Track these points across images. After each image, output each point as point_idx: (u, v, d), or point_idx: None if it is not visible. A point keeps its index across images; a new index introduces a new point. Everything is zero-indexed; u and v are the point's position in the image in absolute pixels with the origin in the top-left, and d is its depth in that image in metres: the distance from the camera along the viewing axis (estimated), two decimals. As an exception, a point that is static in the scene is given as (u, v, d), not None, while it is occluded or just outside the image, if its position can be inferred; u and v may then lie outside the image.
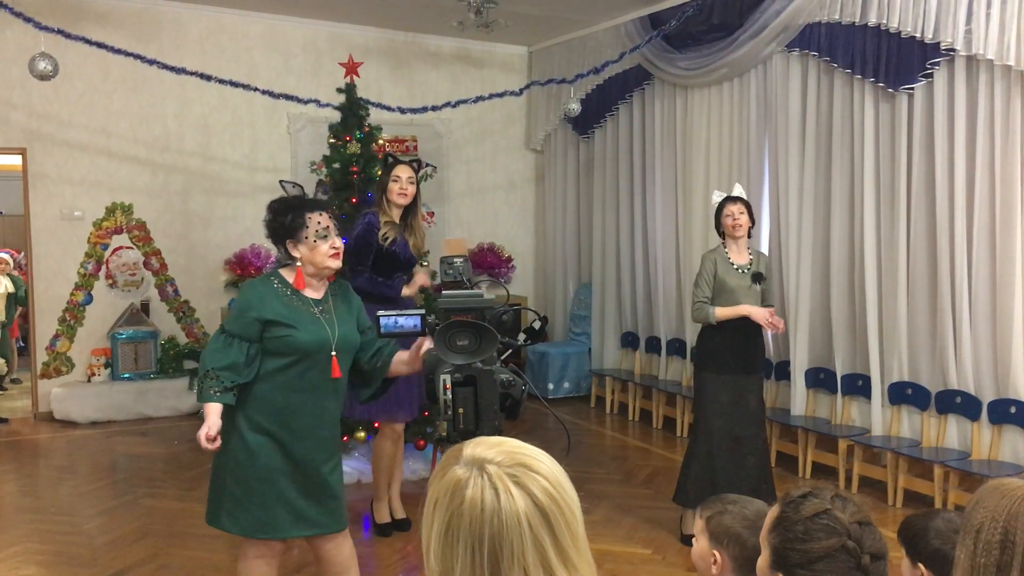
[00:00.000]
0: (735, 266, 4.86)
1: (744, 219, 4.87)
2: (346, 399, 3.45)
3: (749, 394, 4.82)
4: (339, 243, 3.17)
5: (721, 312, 4.78)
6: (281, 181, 3.39)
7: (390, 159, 5.11)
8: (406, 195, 4.95)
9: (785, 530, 1.76)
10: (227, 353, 3.07)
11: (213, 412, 3.05)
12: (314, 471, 3.18)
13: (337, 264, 3.17)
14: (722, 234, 4.97)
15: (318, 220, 3.13)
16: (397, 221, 4.97)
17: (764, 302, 4.92)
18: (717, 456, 4.77)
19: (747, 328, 4.80)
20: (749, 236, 4.99)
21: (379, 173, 5.29)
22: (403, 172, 4.96)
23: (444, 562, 1.19)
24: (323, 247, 3.12)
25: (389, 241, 4.87)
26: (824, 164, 6.33)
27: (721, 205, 4.94)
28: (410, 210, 5.02)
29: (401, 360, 3.24)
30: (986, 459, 5.32)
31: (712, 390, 4.82)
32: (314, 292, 3.21)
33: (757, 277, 4.86)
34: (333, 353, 3.13)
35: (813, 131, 6.38)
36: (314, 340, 3.10)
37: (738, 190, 5.01)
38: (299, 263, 3.15)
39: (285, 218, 3.15)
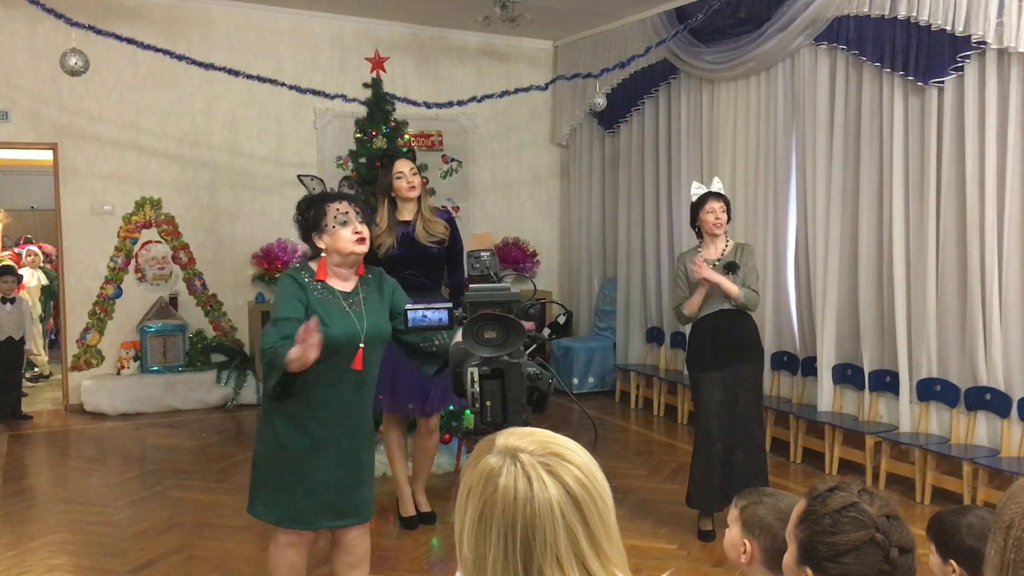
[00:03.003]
0: (706, 262, 4.80)
1: (725, 216, 4.83)
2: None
3: (739, 390, 4.75)
4: (362, 228, 3.15)
5: (688, 305, 4.77)
6: (299, 176, 3.39)
7: (384, 159, 5.07)
8: (415, 188, 4.94)
9: (812, 523, 1.76)
10: (281, 326, 3.01)
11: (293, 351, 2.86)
12: (344, 461, 3.20)
13: (362, 249, 3.15)
14: (698, 230, 4.91)
15: (336, 207, 3.13)
16: (409, 218, 4.94)
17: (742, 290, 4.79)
18: (714, 457, 4.75)
19: (727, 320, 4.75)
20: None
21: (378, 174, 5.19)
22: (404, 166, 4.93)
23: (477, 550, 1.20)
24: (344, 232, 3.12)
25: (385, 249, 4.83)
26: (852, 159, 6.28)
27: (703, 200, 4.84)
28: (420, 199, 5.00)
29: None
30: (1016, 456, 5.26)
31: (706, 390, 4.78)
32: (343, 284, 3.20)
33: (730, 267, 4.75)
34: (361, 345, 3.12)
35: (841, 125, 6.33)
36: (343, 334, 3.10)
37: (717, 185, 4.94)
38: (323, 254, 3.16)
39: (309, 213, 3.18)
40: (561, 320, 9.13)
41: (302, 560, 3.33)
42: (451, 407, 5.59)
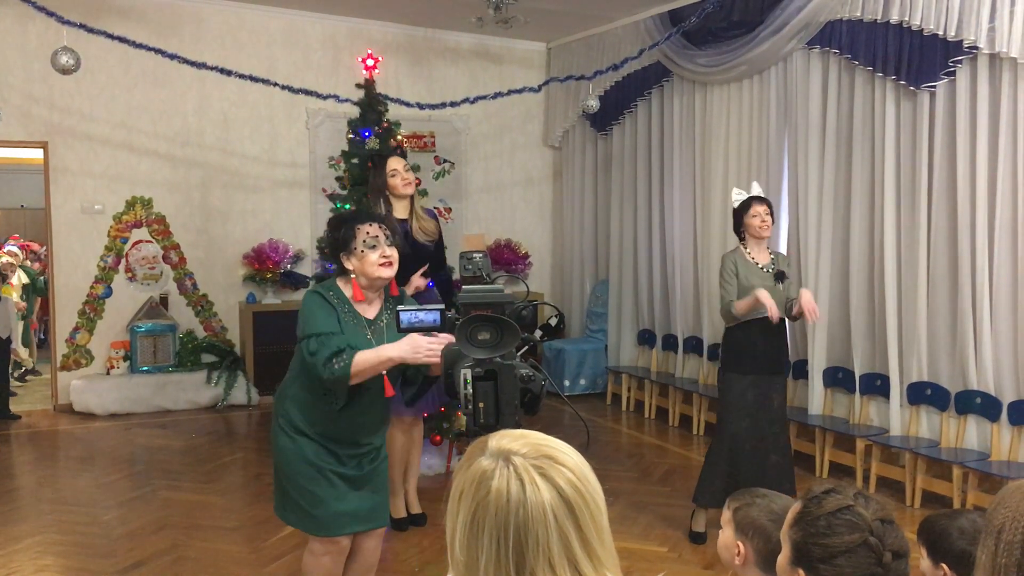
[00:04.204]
0: (759, 265, 4.80)
1: (770, 219, 4.82)
2: None
3: (773, 393, 4.78)
4: (390, 252, 3.13)
5: (739, 305, 4.71)
6: (328, 194, 3.41)
7: (375, 158, 5.10)
8: (410, 184, 4.96)
9: (807, 525, 1.76)
10: (326, 340, 3.00)
11: (382, 352, 2.95)
12: (367, 474, 3.23)
13: (389, 273, 3.13)
14: (741, 235, 4.88)
15: (367, 230, 3.11)
16: (404, 216, 4.97)
17: (788, 300, 4.86)
18: (741, 456, 4.74)
19: (771, 328, 4.75)
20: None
21: (369, 175, 5.22)
22: (397, 163, 4.97)
23: (469, 552, 1.19)
24: (372, 256, 3.09)
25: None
26: (844, 163, 6.29)
27: (747, 205, 4.84)
28: (411, 198, 5.04)
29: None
30: (1006, 460, 5.28)
31: (738, 391, 4.77)
32: (368, 309, 3.19)
33: (780, 276, 4.78)
34: (384, 373, 3.08)
35: (833, 129, 6.34)
36: None
37: (757, 189, 4.92)
38: (353, 275, 3.15)
39: (338, 233, 3.16)
40: (553, 322, 9.14)
41: (338, 568, 3.34)
42: (442, 409, 5.60)
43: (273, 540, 4.83)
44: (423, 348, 2.88)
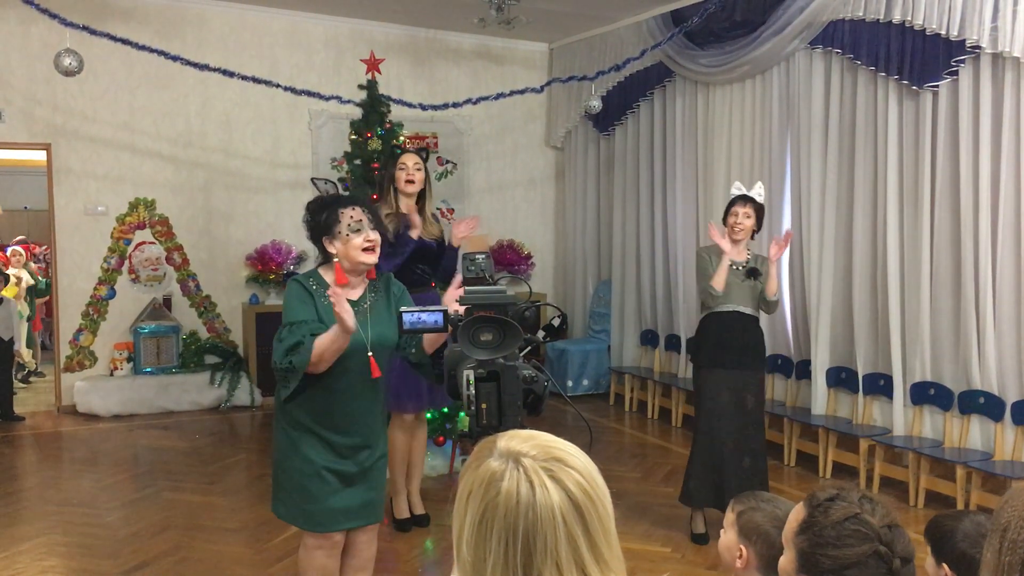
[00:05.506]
0: (730, 263, 4.78)
1: (748, 223, 4.78)
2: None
3: (747, 393, 4.75)
4: (374, 236, 3.14)
5: (715, 281, 4.70)
6: (313, 179, 3.41)
7: (397, 151, 5.14)
8: (413, 181, 4.97)
9: (815, 535, 1.74)
10: (296, 329, 3.03)
11: (331, 331, 2.97)
12: (360, 466, 3.22)
13: (372, 259, 3.14)
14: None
15: (350, 215, 3.11)
16: (404, 211, 4.98)
17: (760, 300, 4.82)
18: (719, 457, 4.73)
19: (742, 323, 4.74)
20: (752, 237, 4.91)
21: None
22: (408, 159, 5.00)
23: (476, 553, 1.19)
24: (356, 240, 3.10)
25: (390, 233, 4.84)
26: (847, 162, 6.29)
27: (733, 202, 4.84)
28: (423, 197, 5.04)
29: (429, 339, 3.18)
30: (1009, 460, 5.27)
31: (711, 388, 4.76)
32: (350, 292, 3.18)
33: (752, 272, 4.73)
34: (369, 354, 3.11)
35: (836, 129, 6.34)
36: (350, 344, 3.07)
37: (756, 190, 4.89)
38: (336, 259, 3.15)
39: (320, 216, 3.16)
40: (556, 322, 9.14)
41: (333, 563, 3.34)
42: (445, 409, 5.60)
43: (276, 541, 4.84)
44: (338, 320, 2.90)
